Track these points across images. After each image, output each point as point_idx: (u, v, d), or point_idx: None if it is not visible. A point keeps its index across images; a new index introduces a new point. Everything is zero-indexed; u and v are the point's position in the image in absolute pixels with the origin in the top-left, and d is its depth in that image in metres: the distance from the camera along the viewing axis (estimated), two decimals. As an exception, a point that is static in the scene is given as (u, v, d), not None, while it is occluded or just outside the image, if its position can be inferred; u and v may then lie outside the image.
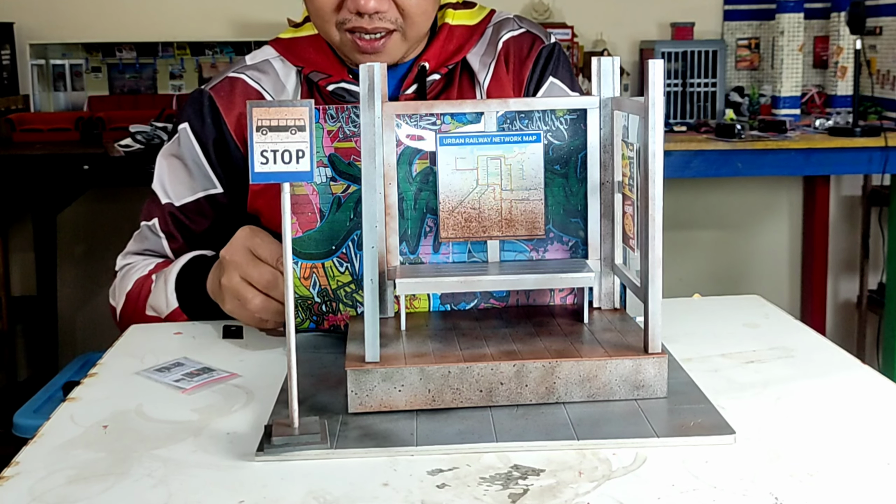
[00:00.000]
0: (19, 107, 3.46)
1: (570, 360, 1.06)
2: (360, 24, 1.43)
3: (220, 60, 3.54)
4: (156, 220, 1.58)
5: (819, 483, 0.90)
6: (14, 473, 0.96)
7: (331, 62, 1.57)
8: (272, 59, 1.60)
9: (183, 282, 1.46)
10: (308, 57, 1.58)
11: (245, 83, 1.57)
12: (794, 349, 1.28)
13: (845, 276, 3.82)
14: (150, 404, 1.14)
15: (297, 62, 1.58)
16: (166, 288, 1.47)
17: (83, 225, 3.61)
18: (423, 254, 1.24)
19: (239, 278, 1.30)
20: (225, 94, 1.57)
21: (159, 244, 1.58)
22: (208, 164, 1.56)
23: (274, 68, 1.59)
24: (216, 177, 1.57)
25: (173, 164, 1.59)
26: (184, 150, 1.57)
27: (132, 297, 1.53)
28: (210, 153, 1.56)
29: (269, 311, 1.29)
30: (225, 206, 1.57)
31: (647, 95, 1.02)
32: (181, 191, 1.58)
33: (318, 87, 1.56)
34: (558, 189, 1.23)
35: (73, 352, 3.41)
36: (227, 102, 1.56)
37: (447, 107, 1.21)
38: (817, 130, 3.06)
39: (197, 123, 1.57)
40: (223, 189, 1.57)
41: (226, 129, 1.55)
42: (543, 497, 0.88)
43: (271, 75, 1.59)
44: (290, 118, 0.96)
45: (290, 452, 0.97)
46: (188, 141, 1.57)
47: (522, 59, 1.61)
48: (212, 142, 1.56)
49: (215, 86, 1.58)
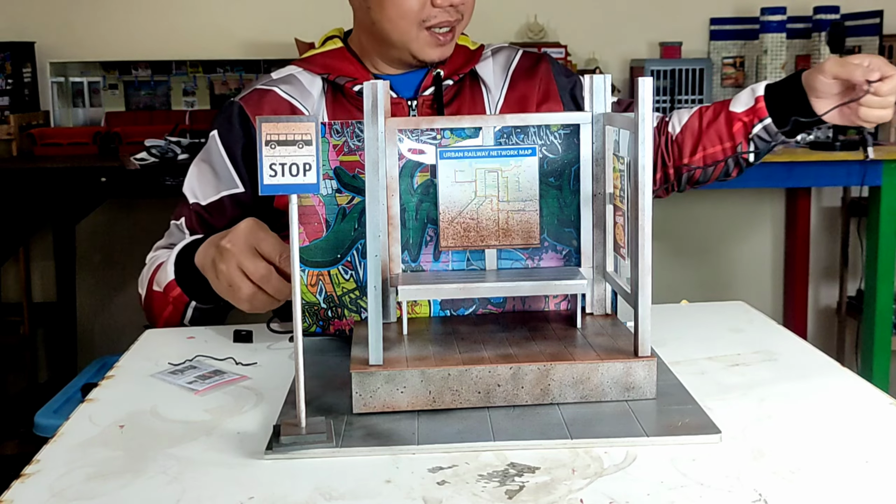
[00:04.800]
0: (40, 122, 3.46)
1: (563, 363, 1.06)
2: (445, 18, 1.55)
3: (230, 78, 3.54)
4: (183, 219, 1.62)
5: (801, 480, 0.90)
6: (35, 471, 0.96)
7: (355, 67, 1.64)
8: (296, 73, 1.66)
9: (182, 257, 1.49)
10: (332, 65, 1.64)
11: (274, 94, 1.63)
12: (777, 353, 1.28)
13: (825, 284, 3.82)
14: (164, 405, 1.14)
15: (322, 70, 1.64)
16: (168, 260, 1.50)
17: (101, 234, 3.61)
18: (424, 262, 1.24)
19: (235, 267, 1.33)
20: (254, 103, 1.62)
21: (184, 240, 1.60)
22: (233, 167, 1.61)
23: (299, 80, 1.65)
24: (240, 178, 1.61)
25: (202, 168, 1.64)
26: (212, 155, 1.63)
27: (150, 281, 1.56)
28: (236, 157, 1.61)
29: (258, 301, 1.34)
30: (247, 205, 1.61)
31: (637, 111, 1.02)
32: (207, 191, 1.62)
33: (343, 90, 1.62)
34: (552, 200, 1.24)
35: (92, 355, 3.40)
36: (257, 110, 1.61)
37: (447, 122, 1.22)
38: (799, 145, 3.06)
39: (225, 130, 1.62)
40: (245, 189, 1.61)
41: (254, 135, 1.58)
42: (538, 493, 0.88)
43: (297, 86, 1.64)
44: (298, 133, 0.96)
45: (297, 451, 0.97)
46: (216, 146, 1.62)
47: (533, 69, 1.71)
48: (240, 147, 1.61)
49: (244, 97, 1.64)
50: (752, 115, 1.60)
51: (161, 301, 1.51)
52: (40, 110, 3.51)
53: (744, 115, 1.61)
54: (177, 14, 3.56)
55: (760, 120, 1.60)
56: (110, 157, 3.17)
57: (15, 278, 3.56)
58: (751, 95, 1.61)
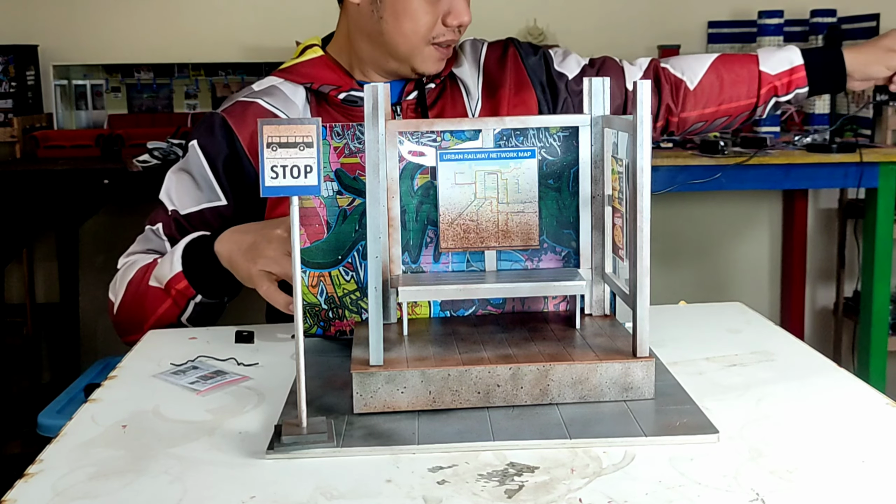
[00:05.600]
0: (43, 124, 3.46)
1: (562, 363, 1.06)
2: (452, 37, 1.58)
3: (232, 81, 3.54)
4: (160, 224, 1.60)
5: (798, 480, 0.90)
6: (38, 470, 0.96)
7: (338, 75, 1.62)
8: (278, 84, 1.64)
9: (189, 250, 1.48)
10: (314, 74, 1.62)
11: (258, 105, 1.61)
12: (774, 353, 1.28)
13: (822, 285, 3.81)
14: (166, 405, 1.14)
15: (304, 80, 1.62)
16: (173, 256, 1.49)
17: (103, 236, 3.61)
18: (424, 263, 1.24)
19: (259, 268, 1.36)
20: (237, 114, 1.60)
21: (162, 246, 1.59)
22: (215, 179, 1.58)
23: (281, 90, 1.63)
24: (222, 191, 1.59)
25: (182, 177, 1.61)
26: (192, 165, 1.60)
27: (133, 282, 1.54)
28: (218, 169, 1.59)
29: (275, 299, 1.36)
30: (228, 219, 1.58)
31: (635, 114, 1.02)
32: (186, 201, 1.60)
33: (328, 98, 1.61)
34: (552, 202, 1.24)
35: (94, 356, 3.40)
36: (240, 122, 1.58)
37: (447, 124, 1.22)
38: (796, 147, 3.06)
39: (207, 141, 1.59)
40: (227, 202, 1.59)
41: (239, 146, 1.57)
42: (538, 493, 0.88)
43: (279, 97, 1.62)
44: (299, 135, 0.96)
45: (298, 451, 0.97)
46: (196, 157, 1.59)
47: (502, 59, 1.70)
48: (222, 159, 1.58)
49: (227, 108, 1.62)
50: (787, 81, 1.63)
51: (157, 297, 1.49)
52: (43, 113, 3.52)
53: (776, 78, 1.63)
54: (179, 18, 3.56)
55: (797, 87, 1.63)
56: (113, 160, 3.17)
57: (18, 280, 3.56)
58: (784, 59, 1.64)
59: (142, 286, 1.52)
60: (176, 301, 1.49)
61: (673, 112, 1.69)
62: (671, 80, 1.69)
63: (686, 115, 1.69)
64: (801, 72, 1.63)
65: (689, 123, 1.70)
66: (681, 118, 1.70)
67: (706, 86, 1.67)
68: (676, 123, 1.71)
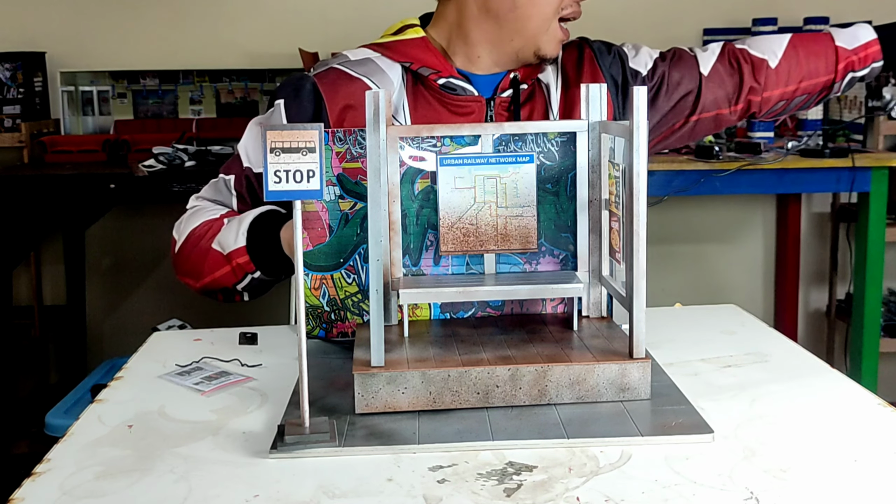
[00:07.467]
0: (50, 130, 3.46)
1: (560, 364, 1.06)
2: (575, 9, 1.55)
3: (236, 87, 3.54)
4: (233, 177, 1.55)
5: (792, 479, 0.90)
6: (45, 469, 0.96)
7: (439, 60, 1.54)
8: (374, 58, 1.55)
9: (256, 226, 1.43)
10: (414, 54, 1.54)
11: (351, 76, 1.52)
12: (768, 354, 1.28)
13: (815, 287, 3.81)
14: (171, 405, 1.14)
15: (404, 59, 1.54)
16: (239, 227, 1.44)
17: (110, 239, 3.61)
18: (425, 266, 1.24)
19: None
20: (329, 82, 1.52)
21: (230, 200, 1.55)
22: None
23: (377, 65, 1.54)
24: None
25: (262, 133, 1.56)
26: (274, 123, 1.52)
27: (196, 234, 1.49)
28: None
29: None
30: None
31: (632, 120, 1.02)
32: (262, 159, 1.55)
33: (425, 81, 1.53)
34: (550, 206, 1.24)
35: (101, 357, 3.40)
36: (332, 93, 1.51)
37: (446, 130, 1.22)
38: (789, 152, 3.06)
39: (292, 102, 1.52)
40: None
41: (325, 116, 1.49)
42: (536, 491, 0.88)
43: (376, 72, 1.53)
44: (302, 141, 0.96)
45: (301, 450, 0.97)
46: (279, 116, 1.52)
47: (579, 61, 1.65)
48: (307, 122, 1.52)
49: (320, 73, 1.54)
50: (863, 55, 1.64)
51: (217, 261, 1.45)
52: (51, 118, 3.52)
53: (853, 52, 1.64)
54: (184, 25, 3.56)
55: (874, 61, 1.65)
56: (119, 164, 3.17)
57: (26, 282, 3.56)
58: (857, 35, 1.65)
59: (203, 243, 1.47)
60: (234, 271, 1.43)
61: (756, 91, 1.66)
62: (752, 60, 1.67)
63: (769, 93, 1.67)
64: (875, 45, 1.63)
65: (772, 102, 1.68)
66: (764, 97, 1.67)
67: (787, 63, 1.66)
68: (759, 103, 1.68)
